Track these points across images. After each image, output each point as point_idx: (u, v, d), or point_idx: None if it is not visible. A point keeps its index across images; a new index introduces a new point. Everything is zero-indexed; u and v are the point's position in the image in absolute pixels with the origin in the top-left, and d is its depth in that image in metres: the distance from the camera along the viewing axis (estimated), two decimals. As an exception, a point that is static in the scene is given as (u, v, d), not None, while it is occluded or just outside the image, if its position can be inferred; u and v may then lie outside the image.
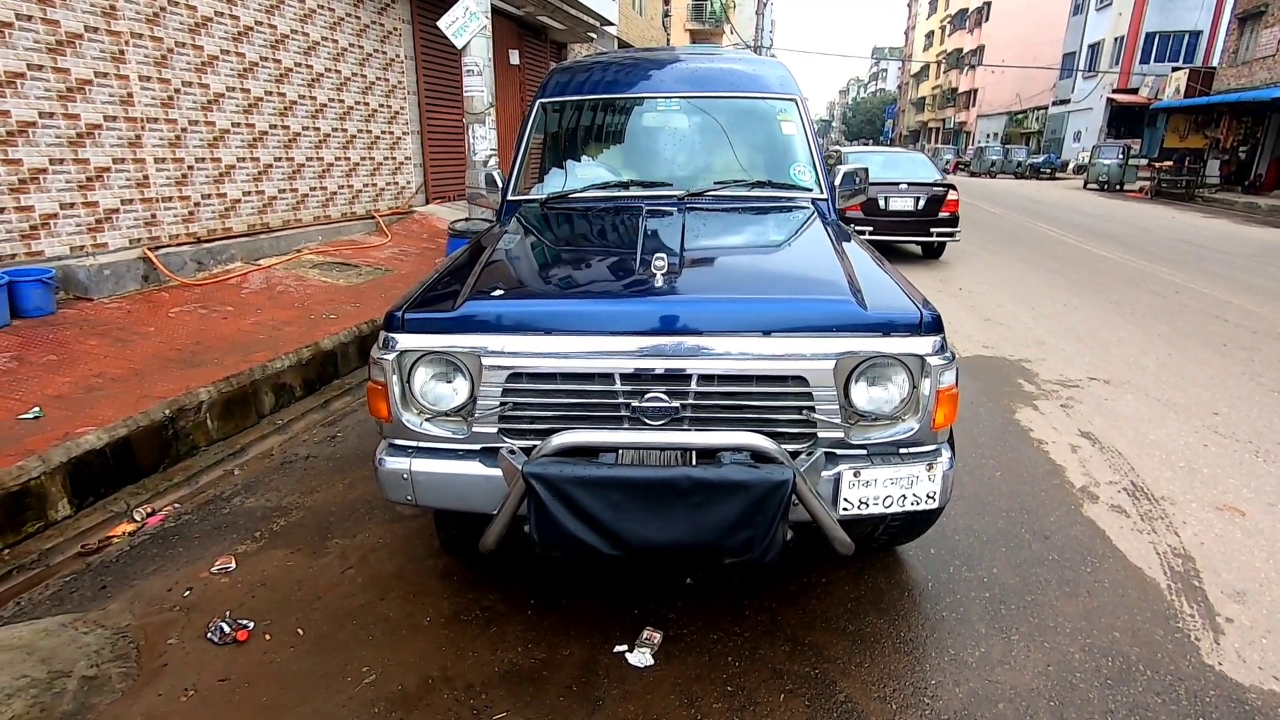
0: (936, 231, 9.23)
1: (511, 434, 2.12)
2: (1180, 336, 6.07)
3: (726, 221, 2.96)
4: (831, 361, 1.99)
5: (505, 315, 2.08)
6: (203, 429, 3.84)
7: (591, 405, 2.06)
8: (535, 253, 2.70)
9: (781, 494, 1.82)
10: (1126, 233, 13.51)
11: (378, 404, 2.14)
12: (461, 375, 2.12)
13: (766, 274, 2.39)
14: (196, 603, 2.56)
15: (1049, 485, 3.45)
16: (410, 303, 2.16)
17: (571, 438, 1.88)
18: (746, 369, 2.00)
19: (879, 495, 2.07)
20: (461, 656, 2.27)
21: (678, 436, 1.90)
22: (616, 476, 1.83)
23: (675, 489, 1.82)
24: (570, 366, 2.02)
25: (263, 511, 3.21)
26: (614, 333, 2.02)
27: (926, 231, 9.20)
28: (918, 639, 2.36)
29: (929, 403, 2.05)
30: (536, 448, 1.92)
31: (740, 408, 2.05)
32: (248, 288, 6.04)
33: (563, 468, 1.85)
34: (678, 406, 2.02)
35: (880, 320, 2.02)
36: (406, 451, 2.18)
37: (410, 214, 9.60)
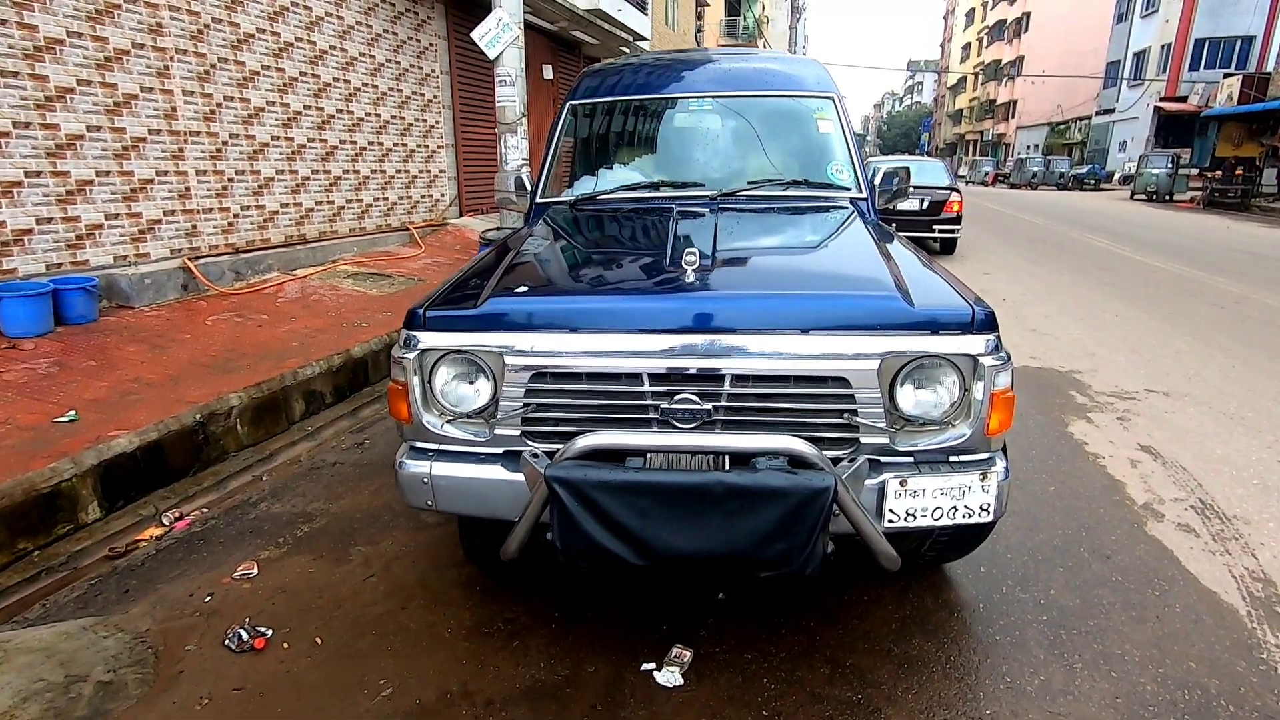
0: (939, 229, 10.47)
1: (534, 437, 2.03)
2: (1244, 348, 5.73)
3: (761, 221, 2.85)
4: (875, 362, 1.86)
5: (530, 312, 1.99)
6: (233, 434, 3.84)
7: (618, 407, 1.96)
8: (562, 252, 2.62)
9: (822, 502, 1.69)
10: (1179, 242, 12.98)
11: (398, 404, 2.07)
12: (484, 375, 2.03)
13: (804, 271, 2.27)
14: (217, 608, 2.51)
15: (1108, 502, 3.22)
16: (433, 301, 2.09)
17: (597, 440, 1.78)
18: (783, 369, 1.88)
19: (927, 507, 1.92)
20: (482, 671, 2.17)
21: (710, 440, 1.78)
22: (645, 481, 1.72)
23: (708, 495, 1.70)
24: (597, 366, 1.92)
25: (288, 517, 3.17)
26: (643, 330, 1.92)
27: (929, 229, 10.44)
28: (969, 664, 2.18)
29: (982, 407, 1.90)
30: (560, 450, 1.82)
31: (776, 410, 1.93)
32: (283, 297, 6.11)
33: (588, 472, 1.75)
34: (709, 409, 1.91)
35: (928, 317, 1.88)
36: (427, 455, 2.11)
37: (444, 226, 9.69)
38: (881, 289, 1.98)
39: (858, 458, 1.90)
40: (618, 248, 2.60)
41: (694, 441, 1.77)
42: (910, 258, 2.38)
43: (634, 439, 1.79)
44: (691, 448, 1.77)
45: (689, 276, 1.99)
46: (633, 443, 1.79)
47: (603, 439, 1.78)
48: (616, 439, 1.78)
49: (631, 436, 1.80)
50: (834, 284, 2.10)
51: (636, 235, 2.75)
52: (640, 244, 2.62)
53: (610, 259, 2.41)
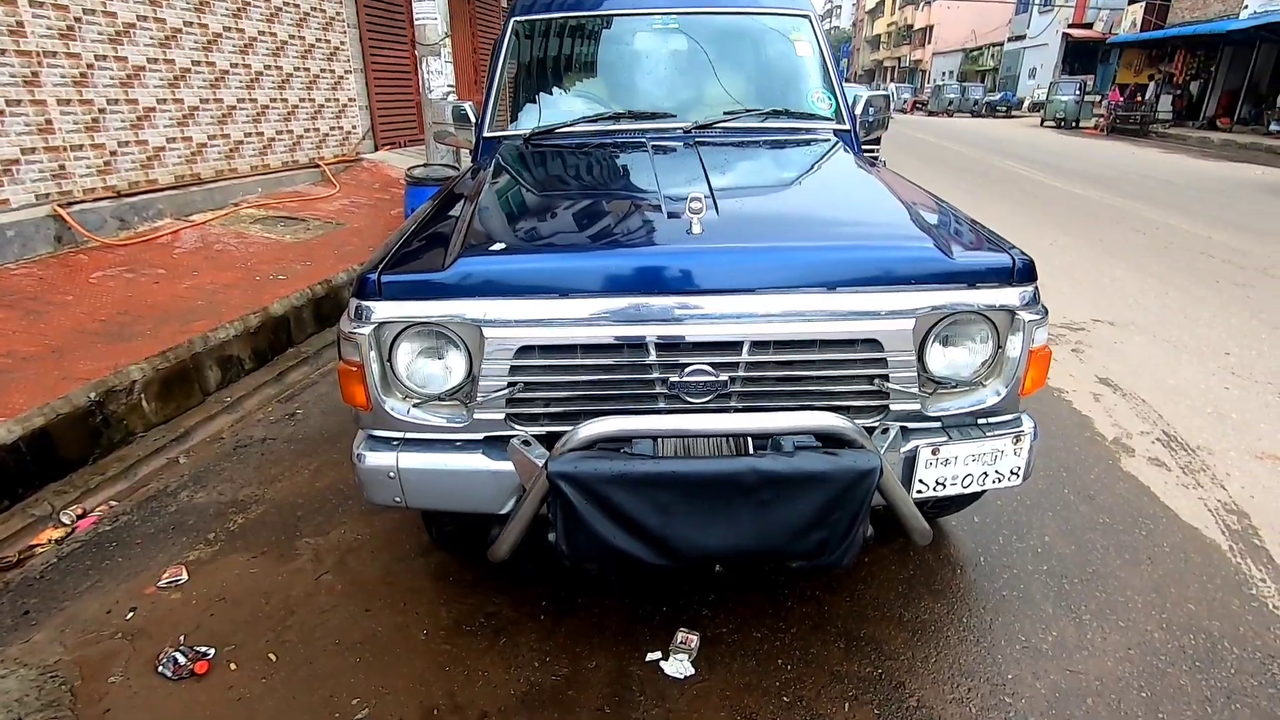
0: None
1: (522, 420, 1.74)
2: (1172, 274, 5.95)
3: (749, 157, 2.56)
4: (910, 320, 1.65)
5: (510, 274, 1.67)
6: (138, 412, 3.34)
7: (620, 382, 1.69)
8: (532, 198, 2.26)
9: (867, 485, 1.50)
10: (1093, 169, 13.46)
11: (352, 388, 1.73)
12: (456, 349, 1.72)
13: (821, 219, 2.01)
14: (143, 627, 2.15)
15: (1080, 439, 3.24)
16: (387, 262, 1.73)
17: (604, 427, 1.51)
18: (808, 332, 1.65)
19: (958, 475, 1.77)
20: (470, 678, 1.94)
21: (733, 421, 1.54)
22: (667, 473, 1.48)
23: (738, 485, 1.48)
24: (594, 336, 1.64)
25: (216, 508, 2.78)
26: (646, 292, 1.64)
27: None
28: (983, 625, 2.11)
29: (1018, 365, 1.74)
30: (561, 440, 1.55)
31: (799, 380, 1.71)
32: (180, 247, 5.39)
33: (597, 464, 1.49)
34: (725, 380, 1.67)
35: (968, 268, 1.68)
36: (391, 444, 1.79)
37: (359, 161, 8.85)
38: (916, 238, 1.76)
39: (890, 428, 1.71)
40: (598, 191, 2.26)
41: (722, 424, 1.53)
42: (922, 196, 2.17)
43: (648, 423, 1.54)
44: (720, 430, 1.53)
45: (694, 226, 1.70)
46: (646, 428, 1.53)
47: (611, 425, 1.52)
48: (627, 424, 1.52)
49: (644, 421, 1.54)
50: (861, 233, 1.86)
51: (616, 175, 2.42)
52: (624, 186, 2.29)
53: (593, 204, 2.09)
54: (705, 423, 1.53)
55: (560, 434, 1.65)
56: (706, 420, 1.54)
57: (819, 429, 1.53)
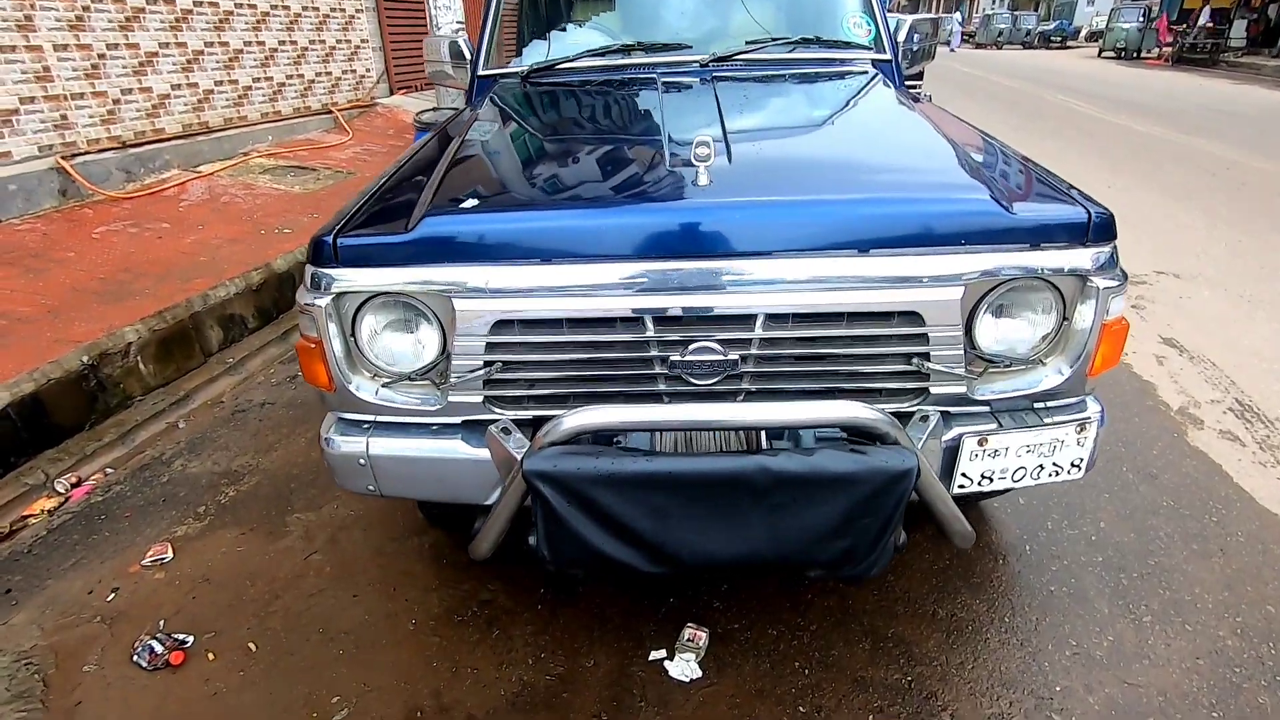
0: None
1: (504, 403, 1.53)
2: (1246, 219, 5.42)
3: (773, 93, 2.24)
4: (959, 288, 1.38)
5: (484, 235, 1.43)
6: (135, 375, 3.23)
7: (612, 362, 1.46)
8: (520, 145, 2.00)
9: (902, 489, 1.27)
10: (1155, 103, 12.46)
11: (313, 367, 1.53)
12: (427, 323, 1.50)
13: (852, 166, 1.72)
14: (124, 609, 2.05)
15: (1141, 408, 2.93)
16: (346, 222, 1.51)
17: (589, 418, 1.29)
18: (835, 303, 1.39)
19: (1008, 468, 1.52)
20: (458, 674, 1.79)
21: (743, 412, 1.30)
22: (661, 472, 1.26)
23: (747, 487, 1.26)
24: (581, 309, 1.40)
25: (209, 478, 2.66)
26: (642, 256, 1.39)
27: None
28: (1027, 626, 1.89)
29: (1087, 340, 1.46)
30: (541, 431, 1.33)
31: (823, 359, 1.46)
32: (186, 199, 5.23)
33: (580, 462, 1.27)
34: (735, 360, 1.42)
35: (1031, 225, 1.39)
36: (362, 427, 1.60)
37: (373, 107, 8.54)
38: (967, 188, 1.47)
39: (929, 414, 1.46)
40: (594, 136, 1.98)
41: (729, 416, 1.29)
42: (978, 139, 1.85)
43: (642, 414, 1.31)
44: (726, 423, 1.30)
45: (701, 176, 1.44)
46: (640, 420, 1.31)
47: (597, 417, 1.29)
48: (617, 415, 1.30)
49: (637, 412, 1.31)
50: (901, 183, 1.57)
51: (616, 117, 2.13)
52: (624, 130, 2.01)
53: (588, 153, 1.82)
54: (709, 414, 1.30)
55: (548, 419, 1.45)
56: (710, 411, 1.30)
57: (846, 422, 1.29)
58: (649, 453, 1.30)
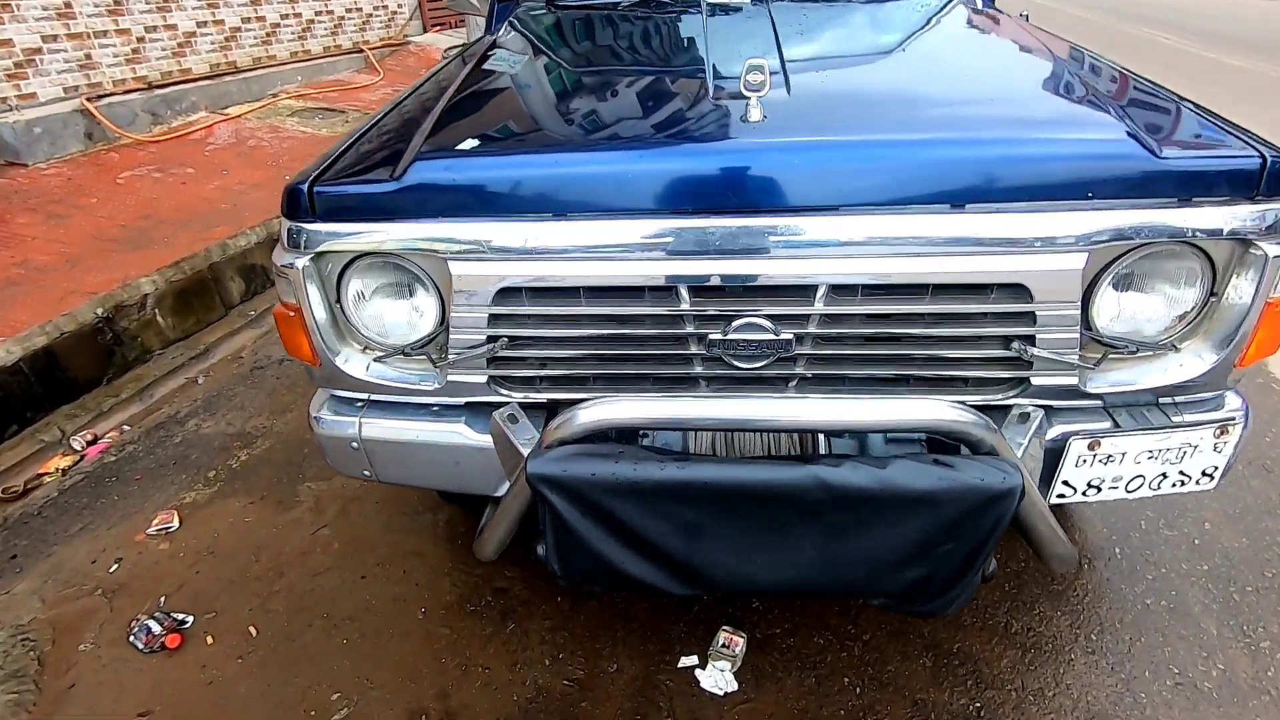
0: None
1: (509, 384, 1.31)
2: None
3: (840, 15, 1.90)
4: (1081, 255, 1.08)
5: (484, 184, 1.18)
6: (153, 328, 3.11)
7: (640, 339, 1.22)
8: (537, 77, 1.72)
9: (999, 512, 1.01)
10: (1254, 35, 11.25)
11: (294, 338, 1.33)
12: (423, 289, 1.27)
13: (940, 99, 1.39)
14: (125, 582, 1.94)
15: (1250, 385, 2.56)
16: (326, 167, 1.27)
17: (609, 412, 1.06)
18: (918, 273, 1.11)
19: (1122, 476, 1.24)
20: (468, 673, 1.63)
21: (804, 409, 1.05)
22: (694, 482, 1.02)
23: (798, 503, 1.01)
24: (602, 275, 1.15)
25: (222, 440, 2.54)
26: (678, 211, 1.13)
27: None
28: (1118, 647, 1.63)
29: (1243, 321, 1.15)
30: (550, 425, 1.10)
31: (898, 340, 1.18)
32: (213, 143, 5.07)
33: (597, 467, 1.04)
34: (789, 340, 1.16)
35: (1183, 172, 1.07)
36: (355, 406, 1.40)
37: (405, 45, 8.21)
38: (1096, 125, 1.15)
39: (1030, 413, 1.19)
40: (625, 66, 1.69)
41: (784, 414, 1.04)
42: (1104, 68, 1.50)
43: (676, 410, 1.07)
44: (779, 423, 1.04)
45: (753, 111, 1.15)
46: (676, 416, 1.06)
47: (620, 410, 1.06)
48: (644, 410, 1.06)
49: (670, 406, 1.07)
50: (1007, 119, 1.25)
51: (653, 45, 1.82)
52: (661, 59, 1.71)
53: (616, 86, 1.53)
54: (760, 410, 1.05)
55: (565, 402, 1.23)
56: (761, 408, 1.05)
57: (932, 426, 1.03)
58: (680, 456, 1.07)
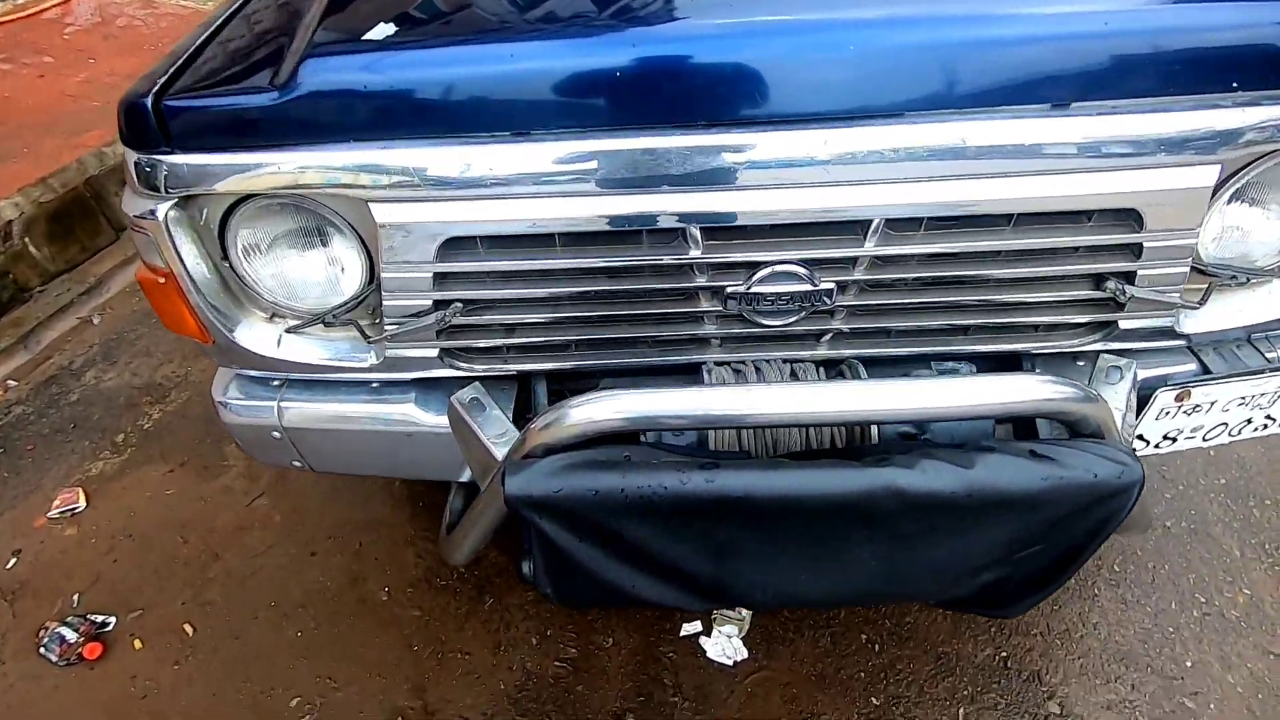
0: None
1: (469, 357, 1.02)
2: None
3: None
4: (1215, 167, 0.83)
5: (408, 90, 0.83)
6: (26, 261, 2.63)
7: (636, 296, 0.94)
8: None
9: (1110, 510, 0.82)
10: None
11: (170, 309, 1.00)
12: (340, 235, 0.95)
13: None
14: (27, 579, 1.66)
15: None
16: (174, 71, 0.89)
17: (611, 409, 0.79)
18: (1001, 199, 0.84)
19: (1203, 425, 1.07)
20: (445, 662, 1.45)
21: (871, 394, 0.80)
22: (728, 496, 0.78)
23: (863, 515, 0.79)
24: (584, 215, 0.85)
25: (127, 395, 2.19)
26: (677, 122, 0.81)
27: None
28: (1143, 578, 1.53)
29: None
30: (533, 425, 0.84)
31: (962, 285, 0.94)
32: (73, 23, 4.23)
33: (598, 481, 0.79)
34: (828, 290, 0.90)
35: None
36: (271, 386, 1.10)
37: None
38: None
39: (1121, 366, 0.97)
40: None
41: (846, 402, 0.78)
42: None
43: (699, 403, 0.81)
44: (838, 415, 0.79)
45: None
46: (704, 411, 0.80)
47: (626, 407, 0.79)
48: (659, 405, 0.80)
49: (692, 398, 0.81)
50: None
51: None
52: None
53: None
54: (812, 399, 0.79)
55: (540, 375, 0.96)
56: (814, 395, 0.80)
57: (1030, 410, 0.80)
58: (704, 458, 0.82)
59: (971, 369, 1.01)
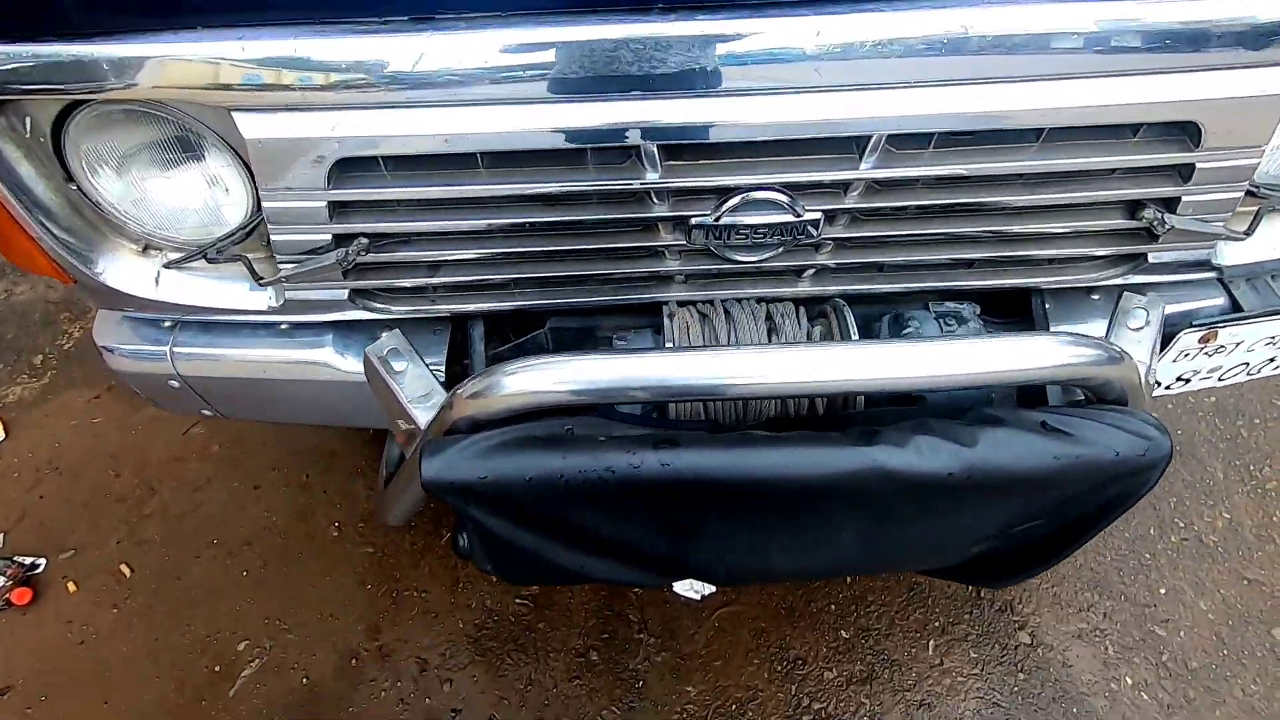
0: None
1: (387, 298, 0.86)
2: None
3: None
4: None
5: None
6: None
7: (577, 230, 0.77)
8: None
9: (1132, 489, 0.72)
10: None
11: (14, 242, 0.81)
12: (214, 148, 0.75)
13: None
14: (-56, 520, 1.55)
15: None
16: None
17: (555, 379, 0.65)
18: (1031, 109, 0.68)
19: (1222, 366, 0.96)
20: (400, 601, 1.39)
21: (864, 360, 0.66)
22: (692, 477, 0.65)
23: (847, 497, 0.67)
24: (513, 129, 0.67)
25: (43, 311, 1.98)
26: (627, 8, 0.62)
27: None
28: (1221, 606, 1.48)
29: None
30: (458, 396, 0.69)
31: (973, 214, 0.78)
32: None
33: (533, 462, 0.66)
34: (813, 222, 0.74)
35: None
36: (161, 328, 0.94)
37: None
38: None
39: (1148, 310, 0.84)
40: None
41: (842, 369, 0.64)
42: None
43: (663, 368, 0.66)
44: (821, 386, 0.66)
45: None
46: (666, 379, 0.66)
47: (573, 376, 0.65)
48: (615, 372, 0.65)
49: (653, 363, 0.67)
50: None
51: None
52: None
53: None
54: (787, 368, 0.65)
55: (475, 316, 0.82)
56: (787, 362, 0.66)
57: (1052, 376, 0.68)
58: (663, 437, 0.68)
59: (975, 309, 0.87)
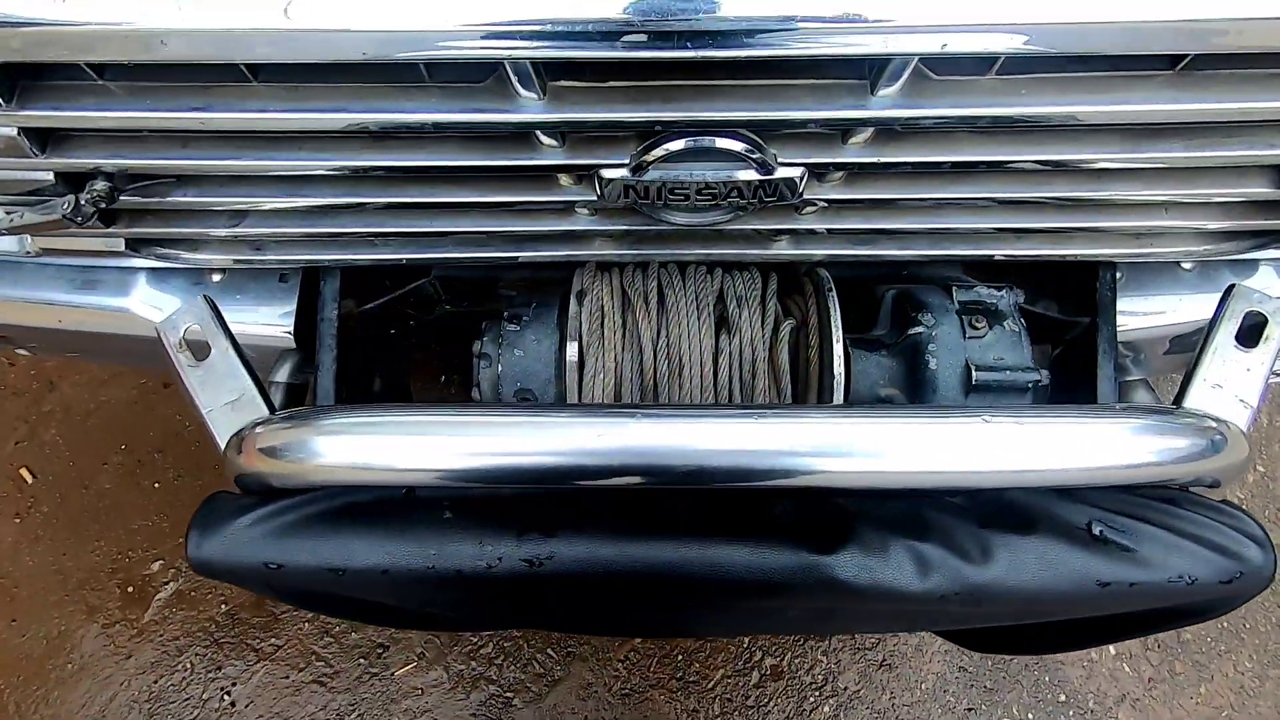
0: None
1: (181, 246, 0.62)
2: None
3: None
4: None
5: None
6: None
7: (427, 177, 0.51)
8: None
9: (1199, 612, 0.51)
10: None
11: None
12: None
13: None
14: None
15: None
16: None
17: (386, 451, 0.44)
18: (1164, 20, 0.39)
19: None
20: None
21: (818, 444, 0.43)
22: (560, 575, 0.46)
23: (787, 596, 0.48)
24: (285, 29, 0.39)
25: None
26: None
27: None
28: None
29: None
30: (241, 437, 0.49)
31: (1049, 173, 0.51)
32: None
33: (344, 550, 0.46)
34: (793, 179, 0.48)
35: None
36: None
37: None
38: None
39: (1273, 309, 0.59)
40: None
41: (804, 462, 0.42)
42: None
43: (539, 442, 0.44)
44: (793, 483, 0.44)
45: None
46: (553, 462, 0.44)
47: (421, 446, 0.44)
48: (474, 444, 0.44)
49: (530, 433, 0.45)
50: None
51: None
52: None
53: None
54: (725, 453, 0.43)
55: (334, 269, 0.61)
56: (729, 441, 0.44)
57: (1118, 478, 0.45)
58: (533, 518, 0.45)
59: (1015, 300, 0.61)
